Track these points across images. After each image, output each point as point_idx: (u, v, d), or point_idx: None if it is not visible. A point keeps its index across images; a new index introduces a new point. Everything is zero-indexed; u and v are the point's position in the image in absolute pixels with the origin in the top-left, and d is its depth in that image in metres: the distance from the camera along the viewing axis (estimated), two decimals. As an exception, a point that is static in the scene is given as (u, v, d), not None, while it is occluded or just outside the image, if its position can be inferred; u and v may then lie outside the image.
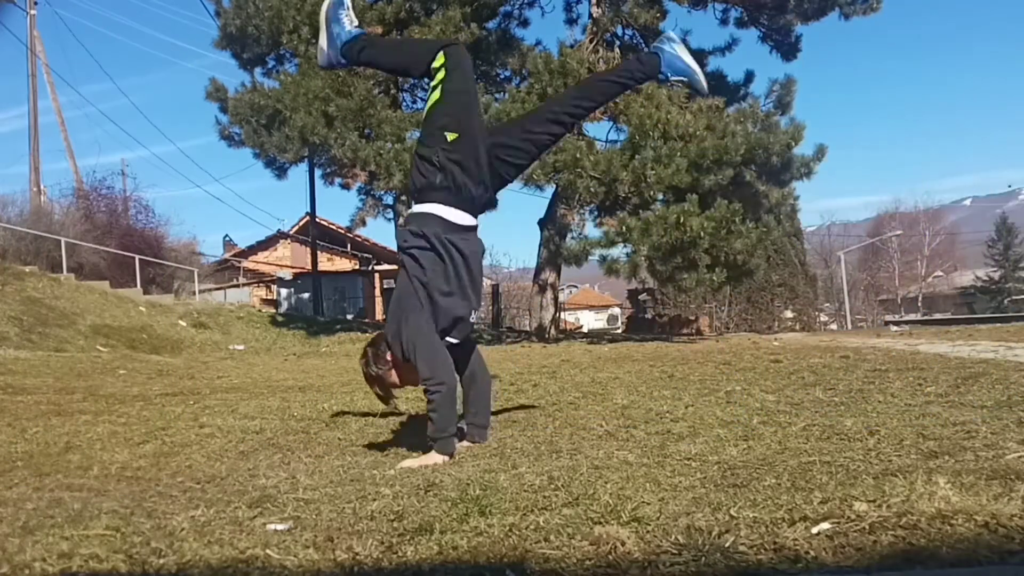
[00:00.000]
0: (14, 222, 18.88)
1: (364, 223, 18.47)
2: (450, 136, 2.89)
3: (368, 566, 1.65)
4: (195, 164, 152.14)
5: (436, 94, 2.96)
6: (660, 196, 12.61)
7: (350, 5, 3.21)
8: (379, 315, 26.94)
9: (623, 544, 1.65)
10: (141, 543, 1.81)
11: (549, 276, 14.79)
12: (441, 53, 2.99)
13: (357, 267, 30.44)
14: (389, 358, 2.96)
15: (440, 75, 2.96)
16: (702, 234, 11.68)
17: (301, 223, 30.70)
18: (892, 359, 6.07)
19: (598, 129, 31.14)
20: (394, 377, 2.99)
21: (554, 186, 13.20)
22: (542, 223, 14.64)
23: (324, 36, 3.20)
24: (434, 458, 2.79)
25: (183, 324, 14.64)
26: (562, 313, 23.63)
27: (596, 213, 14.39)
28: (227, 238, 34.88)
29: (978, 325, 15.96)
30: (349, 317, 23.02)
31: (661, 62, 3.10)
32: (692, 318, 24.40)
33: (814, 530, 1.70)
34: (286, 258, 31.56)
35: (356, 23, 3.21)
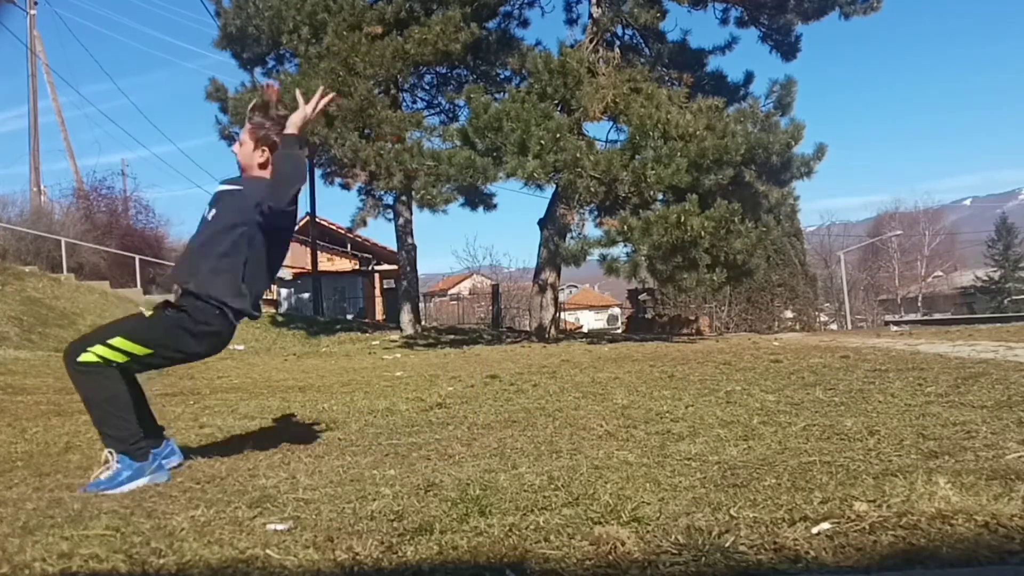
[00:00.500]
0: (14, 222, 18.87)
1: (365, 223, 18.49)
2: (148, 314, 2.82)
3: (368, 566, 1.65)
4: (195, 164, 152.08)
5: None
6: (660, 196, 12.60)
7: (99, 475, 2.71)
8: (379, 315, 26.94)
9: (623, 544, 1.65)
10: (141, 543, 1.81)
11: (549, 276, 14.79)
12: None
13: (357, 267, 30.43)
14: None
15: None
16: (702, 233, 11.67)
17: (301, 223, 30.64)
18: (892, 359, 6.07)
19: (598, 129, 31.08)
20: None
21: (554, 186, 13.20)
22: (542, 223, 14.64)
23: (142, 482, 2.69)
24: None
25: (183, 324, 14.61)
26: (562, 313, 23.62)
27: (596, 213, 14.38)
28: (227, 238, 34.76)
29: (978, 325, 15.95)
30: (349, 317, 23.01)
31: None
32: (692, 318, 24.36)
33: (814, 530, 1.70)
34: (286, 258, 31.51)
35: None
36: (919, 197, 67.09)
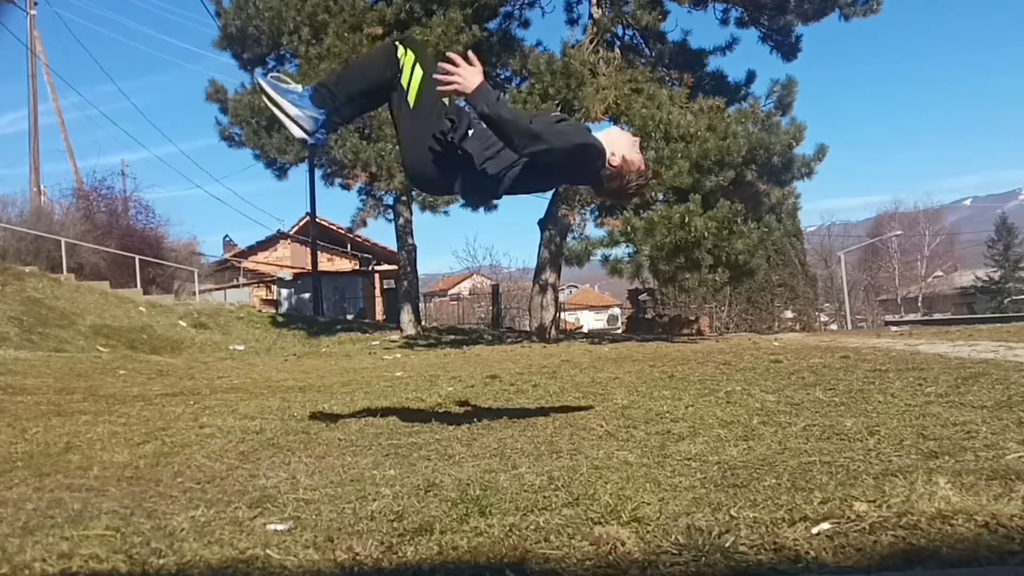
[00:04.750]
0: (14, 222, 18.89)
1: (365, 224, 18.45)
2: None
3: (368, 566, 1.65)
4: (196, 165, 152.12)
5: (419, 71, 3.06)
6: (661, 196, 12.60)
7: (283, 76, 3.17)
8: (379, 315, 26.93)
9: (623, 544, 1.65)
10: (141, 543, 1.81)
11: (550, 276, 14.79)
12: (397, 44, 3.14)
13: (357, 267, 30.46)
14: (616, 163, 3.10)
15: (410, 57, 3.07)
16: (706, 234, 11.67)
17: (301, 223, 30.70)
18: (892, 359, 6.06)
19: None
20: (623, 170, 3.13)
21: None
22: (542, 223, 14.64)
23: (288, 110, 3.05)
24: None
25: (183, 324, 14.65)
26: (562, 313, 23.62)
27: (596, 213, 14.39)
28: (227, 238, 34.86)
29: (978, 325, 15.94)
30: (349, 317, 23.02)
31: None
32: (692, 318, 24.35)
33: (814, 530, 1.70)
34: (286, 258, 31.56)
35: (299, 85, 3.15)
36: (919, 197, 67.28)
